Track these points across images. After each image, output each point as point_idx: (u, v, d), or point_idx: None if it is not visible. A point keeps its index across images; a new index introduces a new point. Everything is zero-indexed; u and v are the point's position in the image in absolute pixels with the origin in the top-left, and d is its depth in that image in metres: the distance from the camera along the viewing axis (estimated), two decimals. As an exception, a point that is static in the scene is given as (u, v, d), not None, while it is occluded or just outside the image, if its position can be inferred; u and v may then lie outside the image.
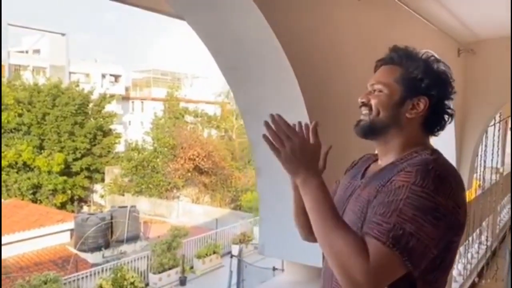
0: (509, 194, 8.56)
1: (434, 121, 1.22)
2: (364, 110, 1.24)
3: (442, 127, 1.25)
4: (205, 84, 34.11)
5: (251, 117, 2.32)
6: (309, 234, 1.31)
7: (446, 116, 1.23)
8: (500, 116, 5.73)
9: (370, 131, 1.23)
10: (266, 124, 1.12)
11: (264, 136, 1.12)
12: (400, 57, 1.23)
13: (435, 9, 3.26)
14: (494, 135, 5.45)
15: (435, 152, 1.18)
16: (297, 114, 2.10)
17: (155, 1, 2.78)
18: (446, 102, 1.22)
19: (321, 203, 1.07)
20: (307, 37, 2.11)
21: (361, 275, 0.95)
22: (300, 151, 1.09)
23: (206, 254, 14.58)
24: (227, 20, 1.98)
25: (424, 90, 1.18)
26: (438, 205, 1.00)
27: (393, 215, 0.99)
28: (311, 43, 2.15)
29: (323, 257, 1.19)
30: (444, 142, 4.27)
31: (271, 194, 2.45)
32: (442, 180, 1.03)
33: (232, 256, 12.00)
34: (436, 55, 1.26)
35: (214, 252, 14.84)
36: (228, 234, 16.51)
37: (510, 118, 6.50)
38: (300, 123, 1.18)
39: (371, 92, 1.24)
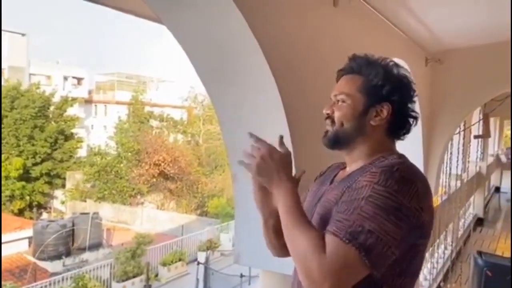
0: (471, 199, 8.86)
1: (399, 125, 1.23)
2: (328, 122, 1.25)
3: (407, 131, 1.25)
4: (172, 88, 33.72)
5: (228, 122, 2.26)
6: (280, 249, 1.34)
7: (410, 120, 1.23)
8: (464, 125, 5.90)
9: (336, 142, 1.23)
10: (244, 152, 1.19)
11: (239, 161, 1.20)
12: (360, 65, 1.24)
13: (406, 18, 3.31)
14: (458, 143, 5.60)
15: (402, 156, 1.19)
16: (275, 118, 2.06)
17: (129, 2, 2.68)
18: (409, 105, 1.23)
19: (291, 206, 1.09)
20: (286, 41, 2.07)
21: (318, 271, 0.94)
22: (269, 157, 1.14)
23: (172, 262, 14.34)
24: (206, 21, 1.92)
25: (386, 96, 1.19)
26: (400, 205, 0.99)
27: (354, 213, 0.99)
28: (290, 47, 2.11)
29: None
30: (411, 150, 4.34)
31: (247, 200, 2.38)
32: (406, 181, 1.03)
33: (198, 263, 11.82)
34: (394, 61, 1.25)
35: (180, 260, 14.62)
36: (194, 241, 16.31)
37: (474, 126, 6.72)
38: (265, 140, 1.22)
39: (335, 103, 1.24)
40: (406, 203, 1.00)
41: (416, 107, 1.26)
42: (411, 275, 1.12)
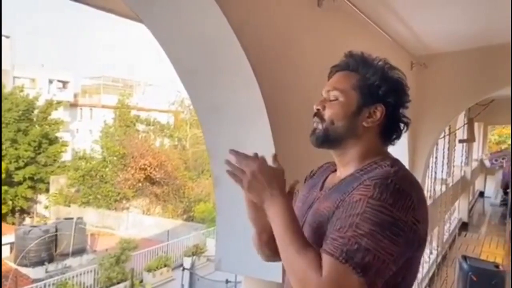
0: (456, 203, 8.91)
1: (391, 129, 1.19)
2: (316, 119, 1.19)
3: (398, 136, 1.21)
4: (158, 92, 33.51)
5: (209, 124, 2.20)
6: (272, 257, 1.29)
7: (401, 125, 1.20)
8: (449, 129, 5.92)
9: (325, 140, 1.18)
10: (227, 161, 1.13)
11: (228, 171, 1.14)
12: (357, 63, 1.19)
13: (391, 21, 3.29)
14: (444, 147, 5.62)
15: (396, 162, 1.13)
16: (258, 120, 2.01)
17: (110, 2, 2.62)
18: (402, 110, 1.19)
19: (285, 224, 1.04)
20: (269, 41, 2.03)
21: None
22: (260, 173, 1.09)
23: (157, 267, 14.16)
24: (186, 20, 1.86)
25: (381, 97, 1.15)
26: (396, 220, 0.95)
27: (349, 230, 0.94)
28: (273, 47, 2.06)
29: (283, 273, 1.20)
30: (397, 154, 4.32)
31: (229, 205, 2.33)
32: (401, 194, 0.98)
33: (184, 269, 11.68)
34: (391, 63, 1.22)
35: (165, 265, 14.44)
36: (180, 246, 16.13)
37: (459, 130, 6.76)
38: (256, 154, 1.16)
39: (326, 100, 1.19)
40: (402, 217, 0.96)
41: (407, 112, 1.22)
42: (405, 286, 1.09)
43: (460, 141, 6.87)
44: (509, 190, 10.85)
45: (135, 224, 20.54)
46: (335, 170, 1.26)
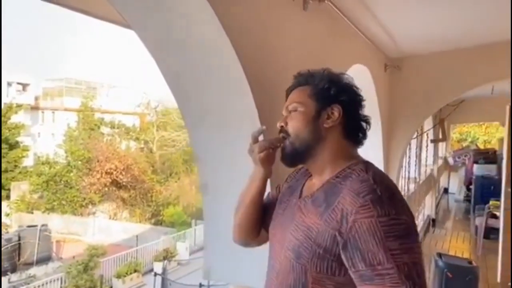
0: (424, 201, 9.15)
1: (353, 127, 1.23)
2: (282, 136, 1.25)
3: (364, 135, 1.25)
4: (123, 94, 32.84)
5: (197, 129, 2.15)
6: (248, 239, 1.44)
7: (363, 124, 1.24)
8: (421, 129, 6.07)
9: (296, 155, 1.23)
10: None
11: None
12: (305, 77, 1.28)
13: (371, 24, 3.34)
14: (416, 147, 5.75)
15: (368, 166, 1.15)
16: (249, 124, 1.97)
17: (88, 4, 2.52)
18: (359, 109, 1.24)
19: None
20: (259, 44, 2.00)
21: None
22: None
23: (126, 273, 13.84)
24: (177, 22, 1.81)
25: (334, 97, 1.21)
26: (406, 223, 1.01)
27: (388, 257, 0.97)
28: (263, 50, 2.04)
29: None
30: (372, 155, 4.39)
31: (217, 213, 2.28)
32: (393, 199, 1.04)
33: (155, 274, 11.48)
34: (336, 71, 1.29)
35: (135, 271, 14.14)
36: (149, 251, 15.84)
37: (431, 130, 6.94)
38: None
39: (287, 116, 1.26)
40: (407, 218, 1.02)
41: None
42: None
43: (432, 141, 7.07)
44: (471, 186, 11.24)
45: (102, 230, 20.06)
46: (311, 175, 1.28)
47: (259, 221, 1.40)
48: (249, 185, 1.37)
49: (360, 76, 3.75)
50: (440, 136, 6.48)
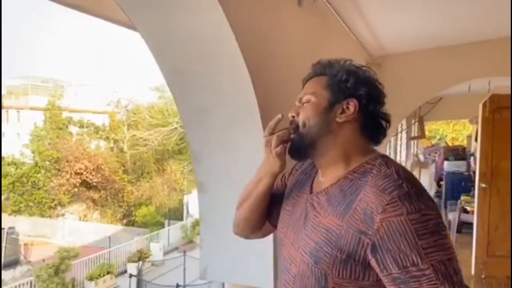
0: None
1: (371, 125, 1.14)
2: (292, 128, 1.16)
3: (384, 134, 1.16)
4: (92, 93, 32.10)
5: (195, 127, 2.12)
6: (252, 231, 1.39)
7: (382, 122, 1.15)
8: (401, 127, 6.19)
9: (302, 148, 1.14)
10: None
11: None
12: (323, 67, 1.19)
13: (358, 22, 3.37)
14: (396, 144, 5.86)
15: (388, 160, 1.08)
16: (250, 124, 1.95)
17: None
18: (379, 105, 1.15)
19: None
20: (262, 40, 1.98)
21: None
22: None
23: (99, 275, 13.60)
24: (178, 15, 1.76)
25: (351, 90, 1.12)
26: (436, 218, 0.95)
27: (422, 257, 0.91)
28: (265, 46, 2.02)
29: (275, 279, 1.19)
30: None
31: (214, 211, 2.26)
32: (421, 194, 0.97)
33: (131, 275, 11.30)
34: (356, 62, 1.22)
35: (108, 272, 13.93)
36: (122, 252, 15.61)
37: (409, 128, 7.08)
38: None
39: (300, 107, 1.18)
40: (435, 212, 0.96)
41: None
42: None
43: (411, 138, 7.20)
44: (442, 183, 11.53)
45: (72, 231, 19.62)
46: (317, 171, 1.22)
47: (264, 214, 1.34)
48: (260, 179, 1.26)
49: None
50: (419, 134, 6.60)
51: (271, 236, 2.11)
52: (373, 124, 1.14)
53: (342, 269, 0.99)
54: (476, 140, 7.95)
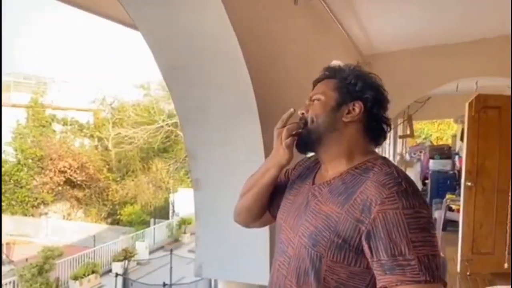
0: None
1: (374, 127, 1.24)
2: (301, 123, 1.26)
3: (384, 136, 1.27)
4: (76, 90, 31.66)
5: (192, 125, 2.10)
6: (253, 220, 1.47)
7: (384, 126, 1.25)
8: (391, 126, 6.22)
9: (309, 142, 1.24)
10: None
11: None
12: (333, 70, 1.29)
13: (352, 22, 3.39)
14: (385, 143, 5.88)
15: (388, 161, 1.19)
16: (248, 122, 1.95)
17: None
18: (382, 110, 1.25)
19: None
20: (261, 37, 1.97)
21: None
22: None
23: (84, 275, 13.44)
24: (178, 11, 1.74)
25: (358, 94, 1.21)
26: (427, 217, 1.04)
27: (410, 249, 0.99)
28: (264, 43, 2.01)
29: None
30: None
31: (209, 208, 2.25)
32: (416, 193, 1.06)
33: (117, 274, 11.19)
34: (364, 69, 1.31)
35: (93, 272, 13.77)
36: (108, 251, 15.44)
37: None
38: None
39: (309, 104, 1.27)
40: (427, 212, 1.05)
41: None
42: None
43: (401, 136, 7.26)
44: (427, 181, 11.66)
45: (56, 231, 19.35)
46: (321, 165, 1.30)
47: (266, 204, 1.42)
48: (267, 169, 1.34)
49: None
50: (407, 132, 6.67)
51: (267, 234, 2.12)
52: (375, 127, 1.24)
53: (337, 253, 1.07)
54: (461, 139, 8.06)
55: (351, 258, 1.07)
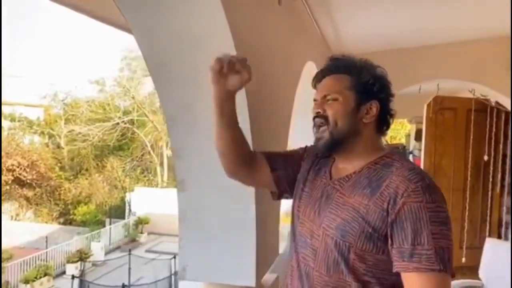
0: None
1: (384, 122, 1.28)
2: (319, 123, 1.25)
3: (388, 127, 1.31)
4: (25, 85, 30.28)
5: (177, 124, 2.04)
6: (238, 165, 1.44)
7: (391, 119, 1.30)
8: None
9: (334, 145, 1.25)
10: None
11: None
12: (346, 65, 1.28)
13: (327, 23, 3.43)
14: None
15: (403, 156, 1.26)
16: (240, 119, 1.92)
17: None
18: (390, 105, 1.29)
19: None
20: (253, 36, 1.96)
21: None
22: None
23: (36, 278, 12.84)
24: (171, 7, 1.69)
25: (375, 94, 1.24)
26: (446, 212, 1.10)
27: (429, 240, 1.05)
28: (255, 42, 2.00)
29: (257, 276, 1.26)
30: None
31: (194, 210, 2.19)
32: (437, 189, 1.12)
33: (73, 276, 10.80)
34: (374, 63, 1.31)
35: (46, 274, 13.18)
36: (61, 253, 14.83)
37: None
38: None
39: (324, 103, 1.25)
40: (446, 208, 1.11)
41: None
42: None
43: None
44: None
45: (4, 232, 18.38)
46: (334, 160, 1.33)
47: (239, 143, 1.41)
48: (212, 109, 1.34)
49: (309, 74, 3.83)
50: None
51: (254, 235, 2.11)
52: (386, 121, 1.29)
53: (367, 243, 1.12)
54: (415, 139, 8.37)
55: (379, 246, 1.12)
